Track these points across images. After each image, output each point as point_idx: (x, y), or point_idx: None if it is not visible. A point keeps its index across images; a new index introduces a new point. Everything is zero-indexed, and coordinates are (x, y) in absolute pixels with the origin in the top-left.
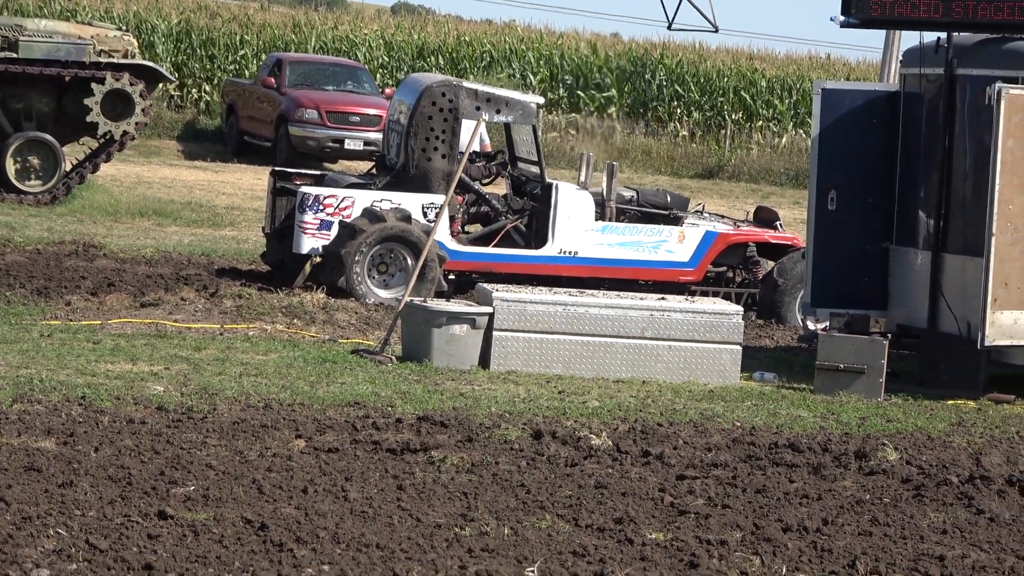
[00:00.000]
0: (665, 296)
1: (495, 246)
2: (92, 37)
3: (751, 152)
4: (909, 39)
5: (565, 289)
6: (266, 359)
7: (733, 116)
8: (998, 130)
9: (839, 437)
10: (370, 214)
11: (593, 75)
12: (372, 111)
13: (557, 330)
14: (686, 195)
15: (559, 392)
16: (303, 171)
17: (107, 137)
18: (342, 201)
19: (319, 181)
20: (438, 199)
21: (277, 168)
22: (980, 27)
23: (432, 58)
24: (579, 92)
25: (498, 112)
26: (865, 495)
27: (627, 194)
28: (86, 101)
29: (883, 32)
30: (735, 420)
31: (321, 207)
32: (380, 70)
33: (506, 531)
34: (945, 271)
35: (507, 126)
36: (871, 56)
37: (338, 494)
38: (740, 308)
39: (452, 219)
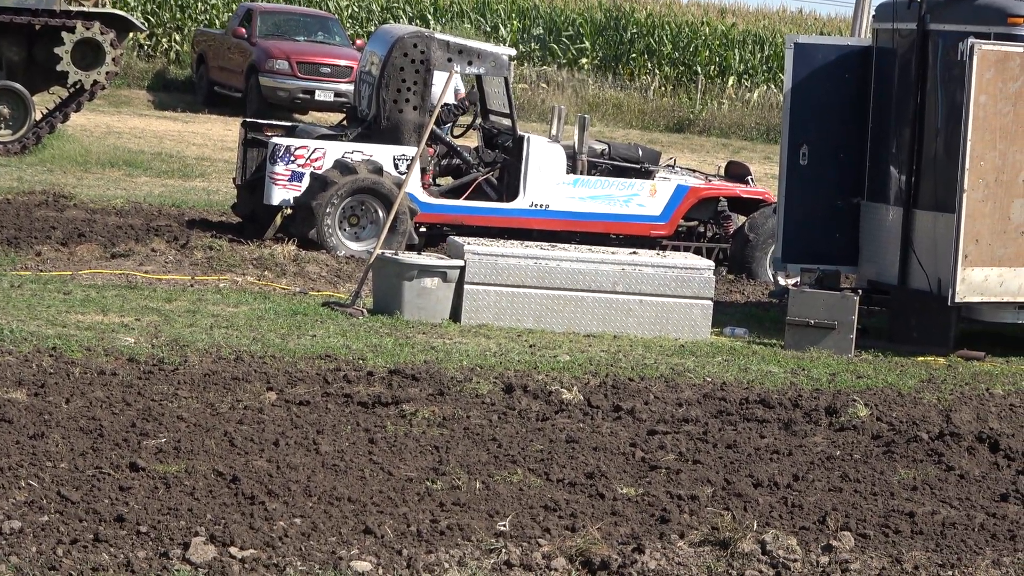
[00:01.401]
0: (637, 251)
1: (466, 199)
2: None
3: (722, 106)
4: None
5: (537, 243)
6: (237, 311)
7: (705, 70)
8: (970, 86)
9: (809, 393)
10: (342, 166)
11: (566, 27)
12: (343, 62)
13: (528, 284)
14: (657, 149)
15: (530, 346)
16: (274, 122)
17: (77, 86)
18: (313, 152)
19: (290, 132)
20: (409, 151)
21: (248, 119)
22: None
23: (402, 8)
24: (551, 44)
25: (470, 64)
26: (835, 451)
27: (599, 147)
28: (56, 50)
29: None
30: (706, 375)
31: (292, 158)
32: (350, 20)
33: (477, 485)
34: (916, 227)
35: (479, 78)
36: (843, 11)
37: (309, 447)
38: (711, 263)
39: (423, 171)
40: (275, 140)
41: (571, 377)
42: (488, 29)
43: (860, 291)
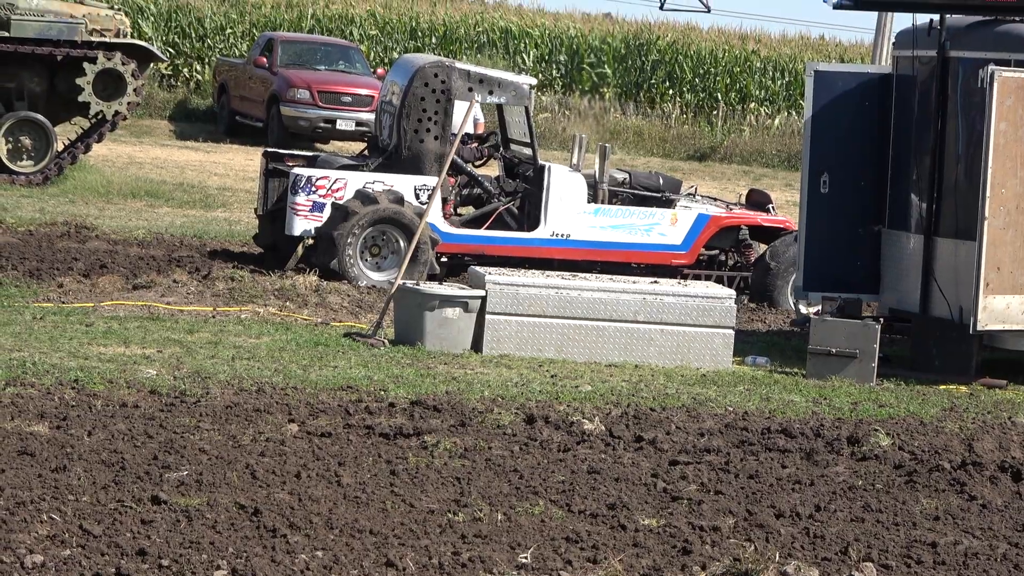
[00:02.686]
0: (658, 280)
1: (487, 228)
2: (84, 16)
3: (743, 134)
4: (901, 21)
5: (558, 272)
6: (259, 342)
7: (726, 97)
8: (991, 113)
9: (831, 422)
10: (363, 196)
11: (587, 55)
12: (364, 91)
13: (550, 314)
14: (678, 177)
15: (552, 376)
16: (295, 152)
17: (99, 117)
18: (334, 183)
19: (311, 162)
20: (430, 181)
21: (269, 149)
22: (973, 9)
23: (425, 38)
24: (573, 72)
25: (491, 93)
26: (858, 481)
27: (620, 176)
28: (78, 81)
29: (875, 13)
30: (728, 405)
31: (313, 188)
32: (373, 48)
33: (499, 517)
34: (937, 255)
35: (499, 107)
36: (864, 37)
37: (331, 479)
38: (733, 292)
39: (444, 201)
40: (296, 170)
41: (593, 407)
42: (512, 57)
43: (881, 319)
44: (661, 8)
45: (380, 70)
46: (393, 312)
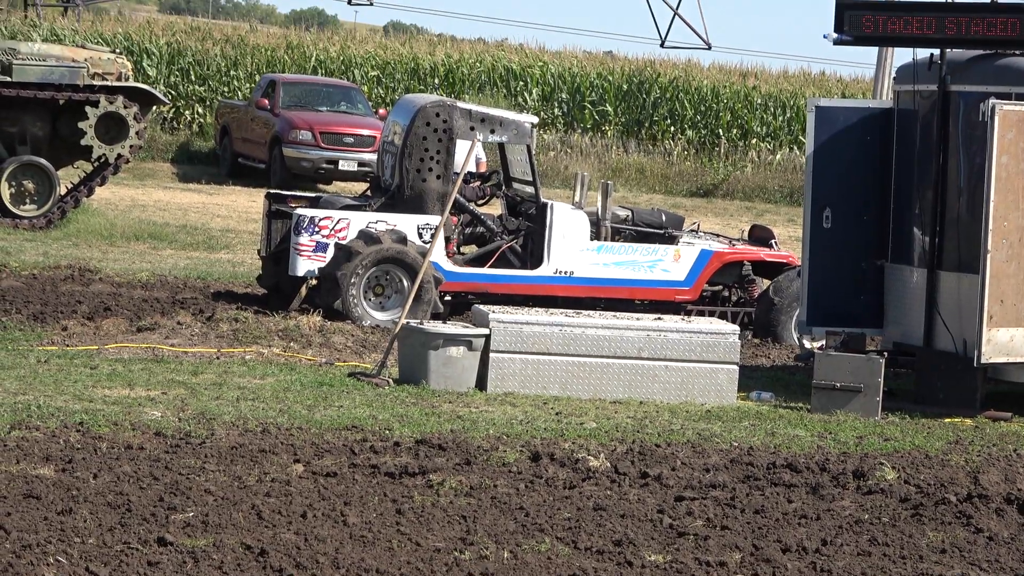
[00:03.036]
0: (661, 316)
1: (491, 267)
2: (86, 60)
3: (746, 170)
4: (902, 55)
5: (561, 310)
6: (263, 383)
7: (727, 134)
8: (992, 146)
9: (837, 456)
10: (366, 236)
11: (589, 93)
12: (366, 132)
13: (554, 351)
14: (681, 214)
15: (556, 414)
16: (298, 193)
17: (102, 160)
18: (337, 223)
19: (314, 203)
20: (433, 220)
21: (272, 191)
22: (973, 43)
23: (427, 78)
24: (575, 110)
25: (492, 132)
26: (864, 515)
27: (622, 213)
28: (80, 124)
29: (876, 49)
30: (733, 440)
31: (317, 229)
32: (375, 89)
33: (505, 555)
34: (940, 288)
35: (501, 146)
36: (864, 72)
37: (337, 519)
38: (736, 328)
39: (448, 240)
40: (299, 211)
41: (598, 444)
42: (513, 96)
43: (886, 353)
44: (662, 45)
45: (382, 111)
46: (397, 351)
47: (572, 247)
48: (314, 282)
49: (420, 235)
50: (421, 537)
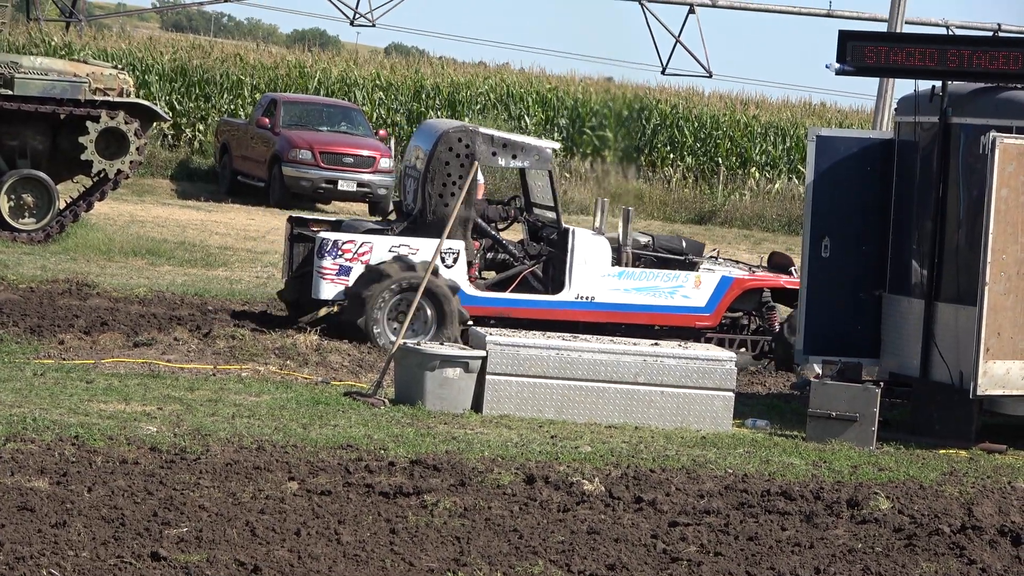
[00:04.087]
0: (658, 342)
1: (512, 291)
2: (87, 75)
3: (744, 198)
4: (903, 87)
5: (559, 334)
6: (259, 400)
7: (727, 161)
8: (992, 179)
9: (831, 485)
10: (401, 261)
11: (589, 119)
12: (366, 152)
13: (550, 375)
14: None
15: (551, 436)
16: (320, 217)
17: (101, 176)
18: (360, 246)
19: (336, 227)
20: (456, 244)
21: (294, 215)
22: (975, 76)
23: (429, 100)
24: (575, 135)
25: (514, 158)
26: (857, 544)
27: (643, 239)
28: (81, 139)
29: (877, 80)
30: (727, 467)
31: (340, 252)
32: (376, 110)
33: None
34: (938, 320)
35: (522, 171)
36: (865, 104)
37: (331, 537)
38: (733, 355)
39: (469, 264)
40: (322, 235)
41: (592, 468)
42: (512, 120)
43: (882, 383)
44: (663, 72)
45: (382, 131)
46: (394, 372)
47: (593, 272)
48: (335, 310)
49: (443, 259)
50: (415, 557)
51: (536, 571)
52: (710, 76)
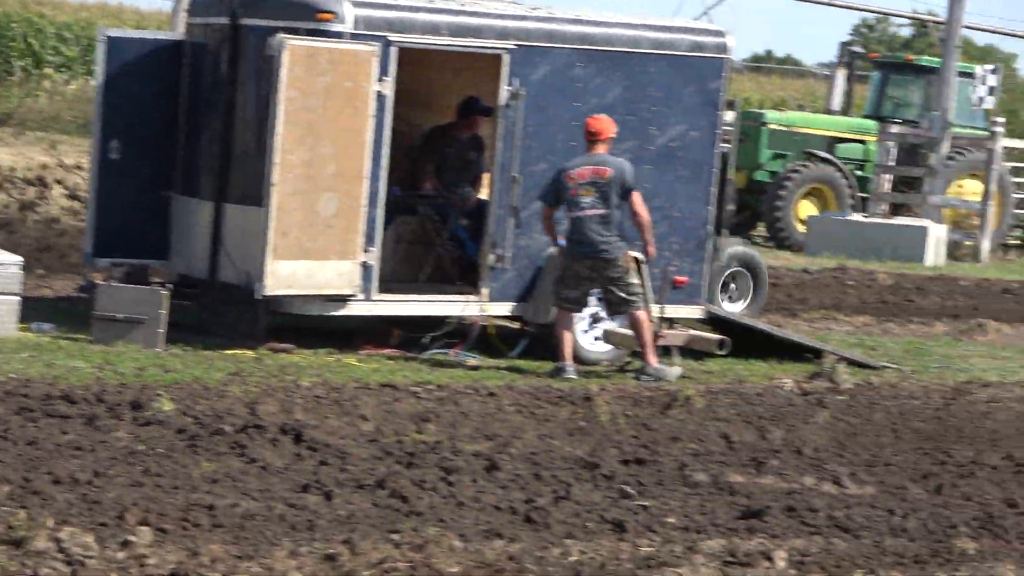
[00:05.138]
0: None
1: None
2: None
3: (40, 99)
4: None
5: None
6: None
7: (20, 62)
8: (280, 81)
9: (115, 388)
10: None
11: None
12: None
13: None
14: None
15: None
16: None
17: None
18: None
19: None
20: None
21: None
22: None
23: None
24: None
25: None
26: (139, 446)
27: None
28: None
29: None
30: (10, 372)
31: None
32: None
33: None
34: (226, 221)
35: None
36: (163, 6)
37: None
38: (20, 258)
39: None
40: None
41: None
42: None
43: (171, 285)
44: None
45: None
46: None
47: None
48: None
49: None
50: None
51: None
52: None
